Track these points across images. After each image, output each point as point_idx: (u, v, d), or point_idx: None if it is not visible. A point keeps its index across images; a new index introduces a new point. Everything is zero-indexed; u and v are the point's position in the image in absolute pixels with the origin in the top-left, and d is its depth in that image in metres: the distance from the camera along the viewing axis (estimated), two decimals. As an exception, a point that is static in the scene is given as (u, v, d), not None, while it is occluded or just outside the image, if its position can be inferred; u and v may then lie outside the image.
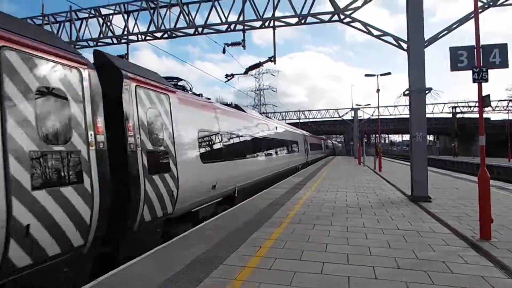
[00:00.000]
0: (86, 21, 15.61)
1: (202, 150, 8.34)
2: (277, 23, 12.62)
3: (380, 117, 30.74)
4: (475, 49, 6.24)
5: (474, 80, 6.08)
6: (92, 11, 15.38)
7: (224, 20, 12.95)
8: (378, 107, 25.63)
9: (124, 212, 5.41)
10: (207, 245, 5.53)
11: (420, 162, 10.08)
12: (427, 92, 9.97)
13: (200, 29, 13.47)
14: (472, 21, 7.14)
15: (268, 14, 12.55)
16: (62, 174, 4.06)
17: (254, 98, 75.65)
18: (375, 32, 10.94)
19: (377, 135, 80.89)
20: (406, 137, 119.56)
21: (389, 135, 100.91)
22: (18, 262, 3.51)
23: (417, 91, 9.97)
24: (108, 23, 15.06)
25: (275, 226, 6.80)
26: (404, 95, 10.66)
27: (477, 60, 6.20)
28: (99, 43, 15.57)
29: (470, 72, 6.16)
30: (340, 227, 6.78)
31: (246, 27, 13.04)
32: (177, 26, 13.71)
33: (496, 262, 4.69)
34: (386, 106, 55.99)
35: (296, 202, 9.62)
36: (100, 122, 4.82)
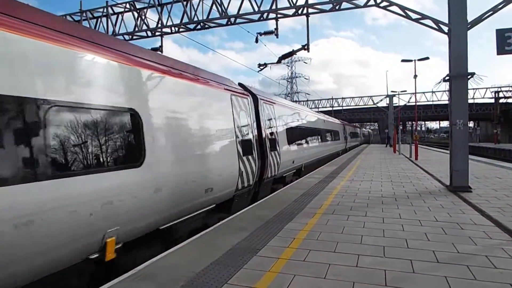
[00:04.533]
0: (121, 15, 16.01)
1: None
2: (310, 10, 12.40)
3: (417, 103, 29.71)
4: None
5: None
6: (128, 6, 15.73)
7: (256, 9, 12.87)
8: (415, 93, 24.80)
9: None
10: (242, 235, 5.61)
11: (461, 151, 9.68)
12: (469, 77, 9.51)
13: (232, 19, 13.47)
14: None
15: (301, 1, 12.34)
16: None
17: (286, 87, 75.13)
18: (414, 16, 10.51)
19: (413, 122, 78.46)
20: (444, 123, 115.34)
21: (426, 122, 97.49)
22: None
23: (458, 76, 9.52)
24: (143, 16, 15.35)
25: (309, 217, 6.78)
26: (444, 80, 10.23)
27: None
28: (134, 37, 15.95)
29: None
30: (376, 218, 6.67)
31: (279, 16, 12.90)
32: (210, 17, 13.78)
33: (543, 257, 4.47)
34: (424, 92, 54.08)
35: (330, 192, 9.54)
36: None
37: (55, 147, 3.71)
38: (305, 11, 12.56)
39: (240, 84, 9.97)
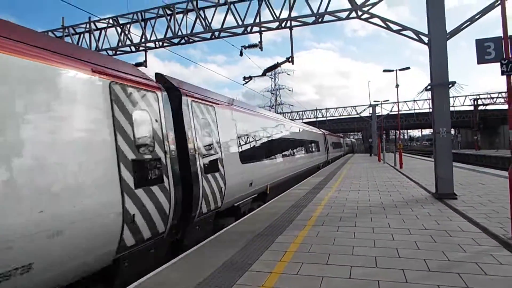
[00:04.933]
0: (105, 31, 15.90)
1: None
2: (293, 23, 12.56)
3: (399, 112, 30.26)
4: (503, 40, 6.05)
5: (502, 73, 5.89)
6: (111, 21, 15.65)
7: (240, 23, 12.97)
8: (397, 102, 25.22)
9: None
10: (232, 250, 5.53)
11: (445, 158, 9.85)
12: (450, 86, 9.74)
13: (217, 33, 13.53)
14: (497, 9, 6.94)
15: (284, 15, 12.52)
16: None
17: (270, 99, 75.67)
18: (395, 27, 10.74)
19: (396, 131, 79.73)
20: (426, 131, 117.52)
21: (408, 130, 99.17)
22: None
23: (440, 85, 9.74)
24: (126, 32, 15.29)
25: (299, 229, 6.76)
26: (426, 90, 10.44)
27: (505, 51, 6.01)
28: (117, 52, 15.84)
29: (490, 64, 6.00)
30: (365, 228, 6.69)
31: (262, 29, 13.03)
32: (194, 31, 13.81)
33: (531, 262, 4.53)
34: (405, 101, 55.09)
35: (318, 203, 9.55)
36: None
37: None
38: (288, 24, 12.72)
39: (157, 74, 6.89)
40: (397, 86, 23.92)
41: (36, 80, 3.73)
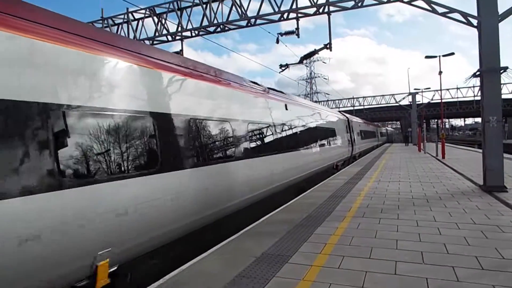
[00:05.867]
0: (142, 21, 16.16)
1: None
2: (332, 8, 12.14)
3: (442, 101, 28.87)
4: None
5: None
6: (148, 11, 15.85)
7: (276, 9, 12.71)
8: (440, 90, 24.07)
9: None
10: (270, 241, 5.44)
11: (495, 149, 9.23)
12: (502, 71, 9.07)
13: (253, 21, 13.35)
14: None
15: (322, 0, 12.10)
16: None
17: (305, 87, 74.74)
18: (440, 10, 10.12)
19: (438, 120, 76.45)
20: (469, 120, 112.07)
21: (450, 120, 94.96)
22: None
23: (490, 71, 9.09)
24: (163, 21, 15.43)
25: (338, 221, 6.56)
26: (475, 76, 9.81)
27: None
28: (154, 42, 16.05)
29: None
30: (409, 221, 6.39)
31: (299, 15, 12.70)
32: (230, 19, 13.71)
33: None
34: (448, 89, 52.55)
35: (358, 194, 9.27)
36: None
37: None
38: (326, 10, 12.32)
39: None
40: (440, 73, 22.74)
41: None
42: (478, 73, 9.51)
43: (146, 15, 16.02)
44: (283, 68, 14.85)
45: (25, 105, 3.21)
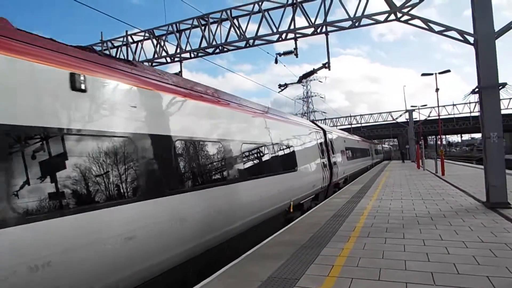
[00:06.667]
0: (141, 43, 16.32)
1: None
2: (329, 28, 12.31)
3: (440, 117, 29.06)
4: None
5: None
6: (147, 34, 16.03)
7: (275, 30, 12.87)
8: (438, 106, 24.24)
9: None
10: (277, 263, 5.32)
11: (497, 165, 9.21)
12: (500, 88, 9.13)
13: (251, 41, 13.50)
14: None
15: (320, 20, 12.28)
16: None
17: (302, 106, 75.30)
18: (437, 28, 10.26)
19: (435, 136, 76.79)
20: (466, 136, 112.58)
21: (447, 136, 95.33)
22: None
23: (489, 87, 9.16)
24: (162, 43, 15.59)
25: (344, 241, 6.44)
26: (473, 92, 9.87)
27: None
28: (153, 63, 16.17)
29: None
30: (415, 240, 6.28)
31: (297, 35, 12.86)
32: (228, 40, 13.86)
33: None
34: (444, 106, 52.99)
35: (361, 213, 9.16)
36: None
37: None
38: (324, 30, 12.48)
39: None
40: (437, 90, 22.99)
41: None
42: (477, 89, 9.57)
43: (146, 38, 16.20)
44: (282, 88, 14.94)
45: None
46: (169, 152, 5.07)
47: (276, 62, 13.66)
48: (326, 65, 12.88)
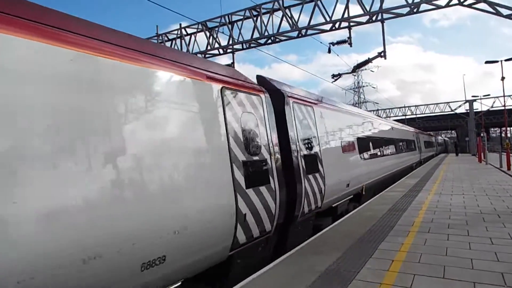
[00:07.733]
0: (194, 36, 16.70)
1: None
2: (385, 16, 11.80)
3: (502, 108, 26.95)
4: None
5: None
6: (200, 26, 16.36)
7: (328, 19, 12.58)
8: (504, 96, 22.53)
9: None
10: (335, 255, 5.26)
11: None
12: None
13: (304, 31, 13.31)
14: None
15: (375, 7, 11.81)
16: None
17: (353, 96, 73.34)
18: (505, 12, 9.50)
19: (497, 128, 71.41)
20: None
21: (511, 128, 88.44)
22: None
23: None
24: (215, 35, 15.84)
25: (403, 236, 6.23)
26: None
27: None
28: (206, 55, 16.49)
29: None
30: (481, 238, 5.92)
31: (351, 24, 12.48)
32: (280, 30, 13.78)
33: None
34: (510, 95, 48.98)
35: (419, 208, 8.79)
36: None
37: None
38: (379, 17, 12.00)
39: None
40: (502, 78, 21.33)
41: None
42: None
43: (199, 30, 16.53)
44: (336, 77, 14.62)
45: None
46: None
47: (329, 51, 13.36)
48: (382, 54, 12.37)
